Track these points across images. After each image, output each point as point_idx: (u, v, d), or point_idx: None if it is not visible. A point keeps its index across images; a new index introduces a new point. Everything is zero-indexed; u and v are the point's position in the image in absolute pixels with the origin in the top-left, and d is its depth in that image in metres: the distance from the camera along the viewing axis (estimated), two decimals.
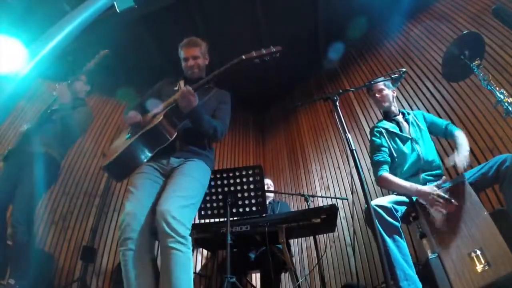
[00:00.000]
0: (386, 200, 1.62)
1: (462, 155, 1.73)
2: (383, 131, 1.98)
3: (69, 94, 2.38)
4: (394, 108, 2.10)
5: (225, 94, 1.89)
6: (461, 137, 1.86)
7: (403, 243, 1.51)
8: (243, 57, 1.56)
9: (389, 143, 1.94)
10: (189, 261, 1.33)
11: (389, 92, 2.10)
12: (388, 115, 2.10)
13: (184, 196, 1.43)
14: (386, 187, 1.87)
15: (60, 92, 2.33)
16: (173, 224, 1.30)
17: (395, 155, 1.91)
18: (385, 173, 1.83)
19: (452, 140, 1.96)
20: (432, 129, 2.04)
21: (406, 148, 1.89)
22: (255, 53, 1.56)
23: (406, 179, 1.80)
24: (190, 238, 1.36)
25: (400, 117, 2.06)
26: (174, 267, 1.27)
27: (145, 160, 1.56)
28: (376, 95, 2.08)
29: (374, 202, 1.58)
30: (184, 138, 1.63)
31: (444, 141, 2.56)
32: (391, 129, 1.98)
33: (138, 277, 1.32)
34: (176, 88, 1.80)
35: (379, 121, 2.13)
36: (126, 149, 1.52)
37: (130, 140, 1.55)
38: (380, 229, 1.49)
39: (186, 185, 1.49)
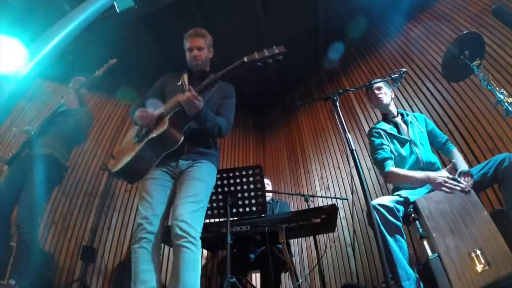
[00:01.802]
0: (388, 200, 1.61)
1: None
2: (382, 132, 1.97)
3: (77, 100, 2.48)
4: (393, 108, 2.09)
5: (228, 88, 1.87)
6: (460, 156, 1.87)
7: (404, 243, 1.51)
8: (245, 59, 1.52)
9: (388, 144, 1.93)
10: (198, 261, 1.39)
11: (388, 91, 2.10)
12: (386, 117, 2.09)
13: (195, 201, 1.49)
14: (395, 182, 1.84)
15: (68, 100, 2.43)
16: (185, 228, 1.38)
17: (394, 156, 1.90)
18: (392, 167, 1.82)
19: (448, 157, 1.97)
20: (430, 138, 2.01)
21: (404, 151, 1.88)
22: (257, 55, 1.52)
23: None
24: (200, 241, 1.42)
25: (398, 119, 2.05)
26: (184, 264, 1.33)
27: (154, 165, 1.59)
28: (375, 91, 2.07)
29: (376, 201, 1.58)
30: (191, 140, 1.64)
31: None
32: (390, 131, 1.97)
33: (146, 274, 1.39)
34: (179, 83, 1.79)
35: (377, 122, 2.11)
36: (135, 156, 1.56)
37: (138, 145, 1.58)
38: (382, 228, 1.49)
39: (197, 190, 1.53)
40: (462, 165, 1.73)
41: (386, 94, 2.07)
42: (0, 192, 2.21)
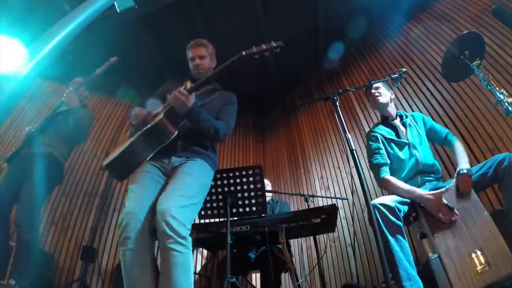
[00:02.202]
0: (390, 199, 1.61)
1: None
2: (379, 136, 1.97)
3: (78, 99, 2.48)
4: (391, 109, 2.08)
5: (230, 96, 1.87)
6: (461, 150, 1.83)
7: (405, 243, 1.51)
8: (243, 53, 1.50)
9: (386, 149, 1.93)
10: (188, 262, 1.31)
11: (386, 91, 2.09)
12: (385, 119, 2.08)
13: (185, 196, 1.41)
14: (388, 190, 1.84)
15: (69, 98, 2.43)
16: (172, 224, 1.28)
17: (392, 160, 1.90)
18: (387, 175, 1.82)
19: (450, 150, 1.95)
20: (431, 135, 2.01)
21: (403, 154, 1.88)
22: (255, 49, 1.51)
23: (404, 182, 1.80)
24: (190, 239, 1.35)
25: (397, 121, 2.04)
26: (174, 268, 1.26)
27: (147, 159, 1.54)
28: (373, 90, 2.06)
29: (378, 201, 1.58)
30: (186, 138, 1.62)
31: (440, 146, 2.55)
32: (388, 136, 1.97)
33: (137, 277, 1.31)
34: (182, 88, 1.80)
35: (376, 126, 2.10)
36: (127, 147, 1.51)
37: (132, 138, 1.55)
38: (384, 228, 1.49)
39: (187, 184, 1.47)
40: (463, 162, 1.71)
41: (384, 94, 2.06)
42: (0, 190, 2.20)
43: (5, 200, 2.15)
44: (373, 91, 2.06)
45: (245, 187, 2.09)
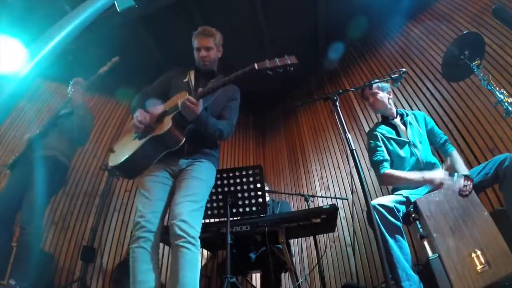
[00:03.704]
0: (388, 200, 1.61)
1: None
2: (380, 136, 1.97)
3: (83, 95, 2.44)
4: (391, 110, 2.06)
5: (234, 90, 1.85)
6: (460, 159, 1.86)
7: (404, 243, 1.51)
8: (256, 66, 1.43)
9: (386, 147, 1.93)
10: (196, 261, 1.39)
11: (384, 94, 2.05)
12: (385, 119, 2.08)
13: (195, 201, 1.49)
14: (391, 183, 1.84)
15: (75, 96, 2.38)
16: (184, 227, 1.38)
17: (393, 159, 1.90)
18: (387, 170, 1.83)
19: (446, 158, 1.95)
20: (429, 137, 2.01)
21: (404, 153, 1.88)
22: (268, 63, 1.43)
23: None
24: (199, 241, 1.42)
25: (397, 120, 2.03)
26: (182, 264, 1.33)
27: (154, 162, 1.58)
28: (370, 99, 2.06)
29: (376, 201, 1.58)
30: (192, 140, 1.64)
31: None
32: (388, 135, 1.97)
33: (145, 275, 1.38)
34: (186, 79, 1.78)
35: (376, 125, 2.10)
36: (135, 152, 1.55)
37: (140, 142, 1.57)
38: (382, 228, 1.49)
39: (196, 189, 1.54)
40: (461, 169, 1.73)
41: (381, 98, 2.03)
42: (5, 194, 2.21)
43: (10, 203, 2.16)
44: (370, 99, 2.05)
45: (245, 187, 2.09)
